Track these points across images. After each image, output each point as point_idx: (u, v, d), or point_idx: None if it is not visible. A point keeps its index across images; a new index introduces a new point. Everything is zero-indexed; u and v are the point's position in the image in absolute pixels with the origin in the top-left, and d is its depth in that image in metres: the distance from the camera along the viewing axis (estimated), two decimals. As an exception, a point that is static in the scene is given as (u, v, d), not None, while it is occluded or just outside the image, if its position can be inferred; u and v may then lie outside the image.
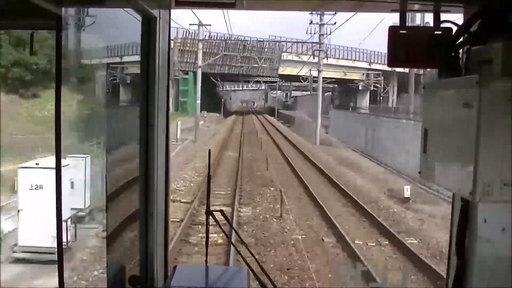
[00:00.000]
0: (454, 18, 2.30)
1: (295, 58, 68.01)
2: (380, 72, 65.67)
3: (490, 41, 1.99)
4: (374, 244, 13.77)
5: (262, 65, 68.39)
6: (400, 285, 9.60)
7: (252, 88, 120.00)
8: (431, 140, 2.16)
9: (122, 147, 3.20)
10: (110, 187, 2.91)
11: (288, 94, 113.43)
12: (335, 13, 40.50)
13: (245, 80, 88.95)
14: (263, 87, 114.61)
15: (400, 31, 2.31)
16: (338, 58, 67.06)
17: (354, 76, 68.12)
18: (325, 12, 40.62)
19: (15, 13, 2.32)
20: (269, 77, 74.54)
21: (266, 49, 66.40)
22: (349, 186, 21.31)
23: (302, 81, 69.30)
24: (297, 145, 38.37)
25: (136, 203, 2.98)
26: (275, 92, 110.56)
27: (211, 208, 2.94)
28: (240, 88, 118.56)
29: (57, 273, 2.27)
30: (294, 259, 12.29)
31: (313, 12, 41.97)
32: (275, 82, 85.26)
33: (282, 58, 68.59)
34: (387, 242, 13.75)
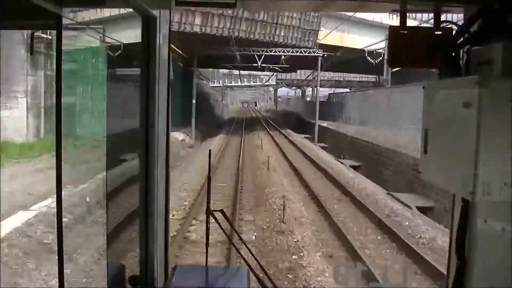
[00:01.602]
0: (454, 18, 2.31)
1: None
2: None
3: (490, 41, 1.99)
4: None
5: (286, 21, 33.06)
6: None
7: (257, 84, 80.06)
8: (431, 140, 2.16)
9: (122, 147, 3.21)
10: (110, 187, 2.92)
11: (314, 91, 58.50)
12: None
13: (243, 63, 40.30)
14: (270, 82, 71.75)
15: (400, 31, 2.31)
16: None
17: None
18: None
19: (15, 13, 2.32)
20: (300, 48, 35.60)
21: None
22: None
23: (371, 59, 36.33)
24: None
25: (136, 203, 2.98)
26: (293, 88, 74.52)
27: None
28: (239, 84, 79.94)
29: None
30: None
31: None
32: (312, 56, 36.97)
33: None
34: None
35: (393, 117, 28.45)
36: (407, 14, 2.40)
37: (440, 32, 2.25)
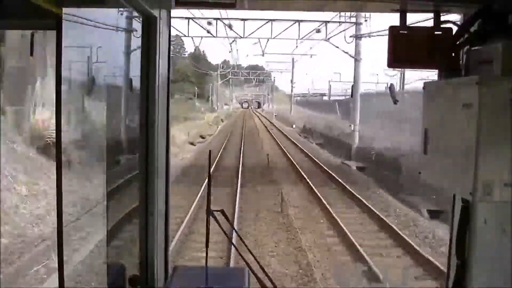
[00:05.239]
0: (454, 18, 2.30)
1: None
2: None
3: (490, 41, 1.99)
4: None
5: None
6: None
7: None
8: (431, 140, 2.15)
9: (122, 147, 3.21)
10: (110, 187, 2.92)
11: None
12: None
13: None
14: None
15: (400, 31, 2.31)
16: None
17: None
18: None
19: (15, 13, 2.32)
20: None
21: None
22: None
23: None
24: None
25: (136, 202, 2.98)
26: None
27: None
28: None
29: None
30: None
31: None
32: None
33: None
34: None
35: None
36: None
37: (440, 32, 2.25)
